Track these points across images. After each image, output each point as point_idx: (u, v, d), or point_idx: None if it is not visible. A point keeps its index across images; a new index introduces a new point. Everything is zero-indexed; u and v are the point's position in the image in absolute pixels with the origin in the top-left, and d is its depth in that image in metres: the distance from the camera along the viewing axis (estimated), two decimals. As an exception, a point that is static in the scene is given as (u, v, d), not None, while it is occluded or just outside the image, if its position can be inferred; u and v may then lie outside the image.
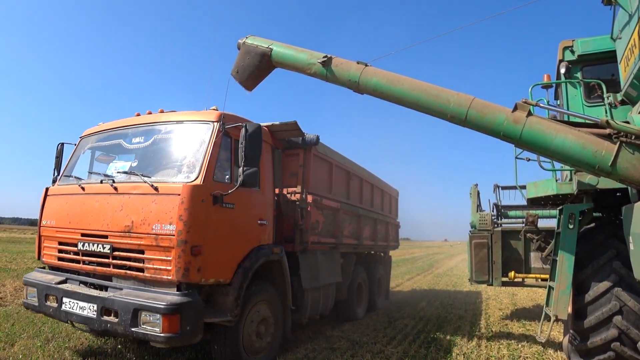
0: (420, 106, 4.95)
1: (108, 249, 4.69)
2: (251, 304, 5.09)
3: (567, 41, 6.38)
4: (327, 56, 5.45)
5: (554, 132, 4.30)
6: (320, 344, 6.58)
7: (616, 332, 4.70)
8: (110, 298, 4.41)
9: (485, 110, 4.62)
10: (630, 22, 4.53)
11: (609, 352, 4.76)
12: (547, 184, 6.30)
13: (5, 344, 5.77)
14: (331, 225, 7.26)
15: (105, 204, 4.82)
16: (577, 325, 5.01)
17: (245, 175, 4.50)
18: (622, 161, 4.00)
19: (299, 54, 5.71)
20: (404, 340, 7.07)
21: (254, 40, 6.10)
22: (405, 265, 26.38)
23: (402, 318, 8.99)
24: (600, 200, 5.66)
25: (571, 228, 5.24)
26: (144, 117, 5.37)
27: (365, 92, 5.34)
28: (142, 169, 4.92)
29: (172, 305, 4.09)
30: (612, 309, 4.74)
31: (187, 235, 4.22)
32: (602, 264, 5.00)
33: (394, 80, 5.07)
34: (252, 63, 6.02)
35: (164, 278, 4.32)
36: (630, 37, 4.50)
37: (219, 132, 4.74)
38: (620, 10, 4.90)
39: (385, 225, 10.50)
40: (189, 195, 4.29)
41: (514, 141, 4.61)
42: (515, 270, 8.40)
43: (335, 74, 5.38)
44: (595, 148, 4.10)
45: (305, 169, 6.44)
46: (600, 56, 6.07)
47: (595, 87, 5.99)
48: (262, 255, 5.21)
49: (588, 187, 5.20)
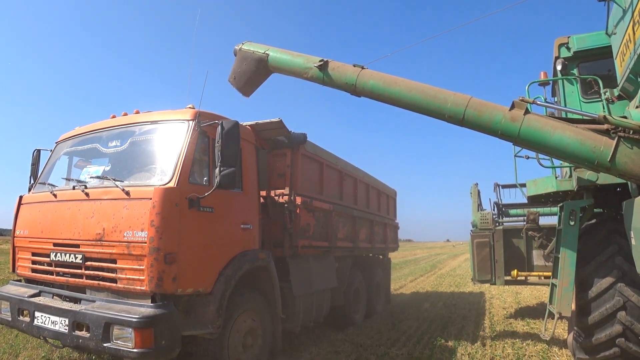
0: (418, 107, 4.92)
1: (80, 259, 4.40)
2: (236, 314, 4.79)
3: (562, 38, 6.41)
4: (324, 60, 5.46)
5: (552, 129, 4.27)
6: (324, 347, 6.55)
7: (620, 328, 4.64)
8: (81, 311, 4.12)
9: (483, 109, 4.59)
10: (624, 17, 4.52)
11: (614, 349, 4.70)
12: (546, 182, 6.30)
13: (10, 355, 5.69)
14: (323, 228, 6.95)
15: (77, 211, 4.54)
16: (581, 322, 4.96)
17: (222, 176, 4.19)
18: (621, 156, 3.99)
19: (296, 59, 5.73)
20: (408, 341, 7.02)
21: (250, 46, 6.10)
22: (408, 266, 26.35)
23: (406, 320, 8.87)
24: (600, 196, 5.64)
25: (572, 225, 5.19)
26: (118, 119, 5.10)
27: (362, 95, 5.32)
28: (116, 172, 4.65)
29: (145, 318, 3.79)
30: (616, 305, 4.68)
31: (160, 242, 3.92)
32: (605, 260, 4.95)
33: (390, 82, 5.05)
34: (248, 69, 6.06)
35: (138, 289, 4.02)
36: (625, 32, 4.50)
37: (195, 131, 4.45)
38: (614, 5, 4.88)
39: (383, 227, 10.17)
40: (161, 199, 4.00)
41: (512, 139, 4.57)
42: (517, 268, 8.45)
43: (332, 77, 5.39)
44: (594, 144, 4.09)
45: (293, 169, 6.14)
46: (596, 52, 6.09)
47: (592, 83, 6.01)
48: (247, 262, 4.90)
49: (588, 183, 5.16)
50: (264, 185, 5.76)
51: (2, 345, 6.12)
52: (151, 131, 4.73)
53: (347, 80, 5.29)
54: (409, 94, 4.94)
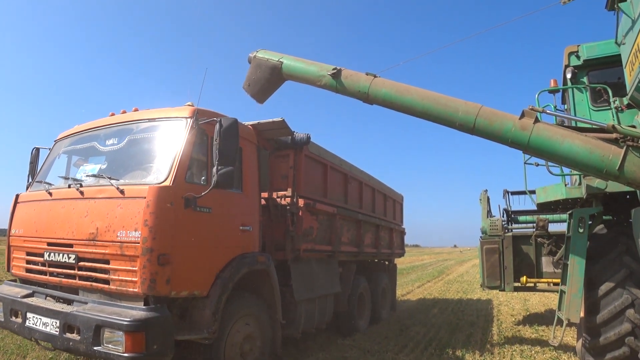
0: (430, 115, 4.95)
1: (73, 259, 4.27)
2: (234, 318, 4.62)
3: (572, 46, 6.47)
4: (337, 68, 5.49)
5: (561, 137, 4.30)
6: (331, 352, 6.50)
7: (630, 326, 4.63)
8: (72, 313, 3.99)
9: (493, 118, 4.63)
10: (633, 27, 4.55)
11: (624, 348, 4.67)
12: (556, 189, 6.34)
13: (17, 356, 5.66)
14: (327, 232, 6.77)
15: (71, 210, 4.41)
16: (589, 322, 4.97)
17: (219, 175, 4.04)
18: (630, 165, 4.02)
19: (309, 67, 5.76)
20: (416, 348, 6.94)
21: (265, 54, 6.15)
22: (415, 272, 26.17)
23: (414, 325, 8.77)
24: (610, 203, 5.66)
25: (581, 232, 5.24)
26: (116, 117, 4.98)
27: (375, 103, 5.35)
28: (112, 171, 4.53)
29: (136, 321, 3.64)
30: (625, 303, 4.69)
31: (153, 243, 3.77)
32: (613, 259, 4.99)
33: (403, 91, 5.08)
34: (263, 76, 6.09)
35: (130, 291, 3.88)
36: (634, 42, 4.54)
37: (192, 128, 4.30)
38: (623, 15, 4.92)
39: (389, 232, 9.95)
40: (155, 197, 3.85)
41: (522, 148, 4.60)
42: (527, 275, 8.44)
43: (345, 85, 5.44)
44: (603, 152, 4.12)
45: (296, 170, 5.98)
46: (606, 60, 6.11)
47: (601, 92, 6.03)
48: (245, 265, 4.74)
49: (597, 190, 5.22)
50: (266, 186, 5.60)
51: (9, 346, 6.05)
52: (148, 129, 4.61)
53: (360, 89, 5.33)
54: (420, 103, 4.96)
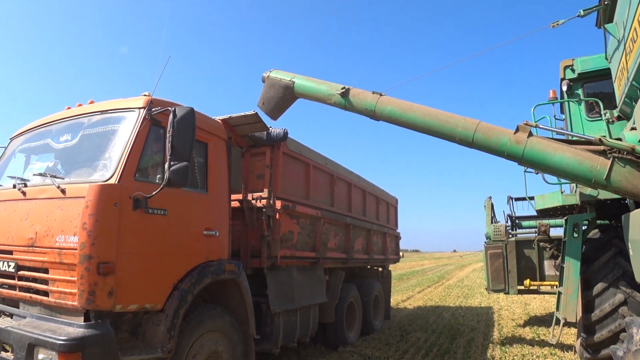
0: (432, 131, 5.27)
1: (13, 268, 3.80)
2: (195, 335, 4.11)
3: (567, 60, 6.85)
4: (345, 87, 5.83)
5: (553, 150, 4.59)
6: (331, 359, 6.54)
7: (623, 323, 4.59)
8: (6, 329, 3.52)
9: (490, 133, 4.94)
10: (619, 47, 4.83)
11: (618, 344, 4.61)
12: (553, 196, 6.76)
13: None
14: (310, 237, 6.28)
15: (12, 212, 3.94)
16: (585, 320, 5.20)
17: (171, 172, 3.54)
18: (616, 175, 4.29)
19: (320, 86, 6.08)
20: (417, 353, 6.93)
21: (278, 74, 6.47)
22: (415, 277, 25.87)
23: (415, 331, 8.76)
24: (605, 209, 5.98)
25: (576, 237, 5.59)
26: (68, 111, 4.51)
27: (380, 119, 5.67)
28: (64, 169, 4.10)
29: (72, 340, 3.17)
30: (618, 301, 4.93)
31: (92, 249, 3.29)
32: (607, 260, 5.23)
33: (406, 108, 5.41)
34: (276, 95, 6.40)
35: (69, 304, 3.39)
36: (620, 60, 4.81)
37: (145, 120, 3.82)
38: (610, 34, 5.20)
39: (383, 236, 9.44)
40: (96, 197, 3.37)
41: (517, 160, 4.87)
42: (530, 278, 8.86)
43: (353, 103, 5.77)
44: (591, 164, 4.39)
45: (273, 169, 5.51)
46: (599, 73, 6.44)
47: (594, 104, 6.40)
48: (209, 274, 4.23)
49: (589, 198, 5.60)
50: (238, 186, 5.12)
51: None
52: (100, 122, 4.12)
53: (367, 106, 5.65)
54: (423, 119, 5.28)
